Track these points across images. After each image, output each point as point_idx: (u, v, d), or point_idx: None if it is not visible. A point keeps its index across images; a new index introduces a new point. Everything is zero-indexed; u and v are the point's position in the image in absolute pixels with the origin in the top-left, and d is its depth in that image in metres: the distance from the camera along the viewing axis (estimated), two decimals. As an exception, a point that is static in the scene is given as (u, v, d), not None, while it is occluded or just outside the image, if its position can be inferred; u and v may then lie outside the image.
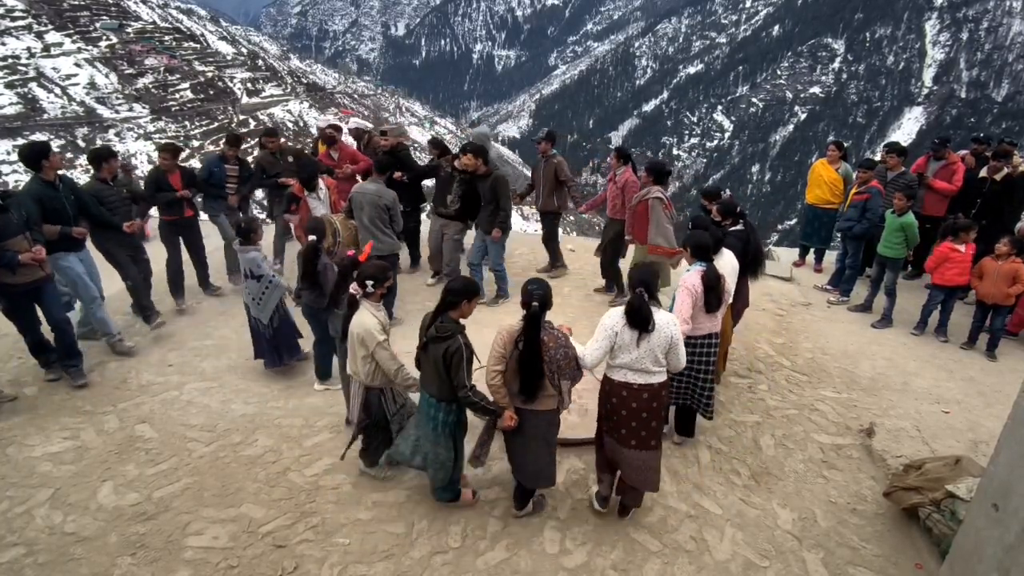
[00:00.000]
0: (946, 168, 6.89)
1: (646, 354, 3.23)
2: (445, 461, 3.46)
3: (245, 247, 4.81)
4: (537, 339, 3.12)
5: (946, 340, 6.03)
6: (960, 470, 3.60)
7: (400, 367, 3.54)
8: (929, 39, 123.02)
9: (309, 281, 4.51)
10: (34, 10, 58.57)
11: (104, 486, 3.81)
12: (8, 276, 4.33)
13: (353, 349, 3.56)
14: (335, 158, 7.05)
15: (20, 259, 4.25)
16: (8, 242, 4.24)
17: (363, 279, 3.51)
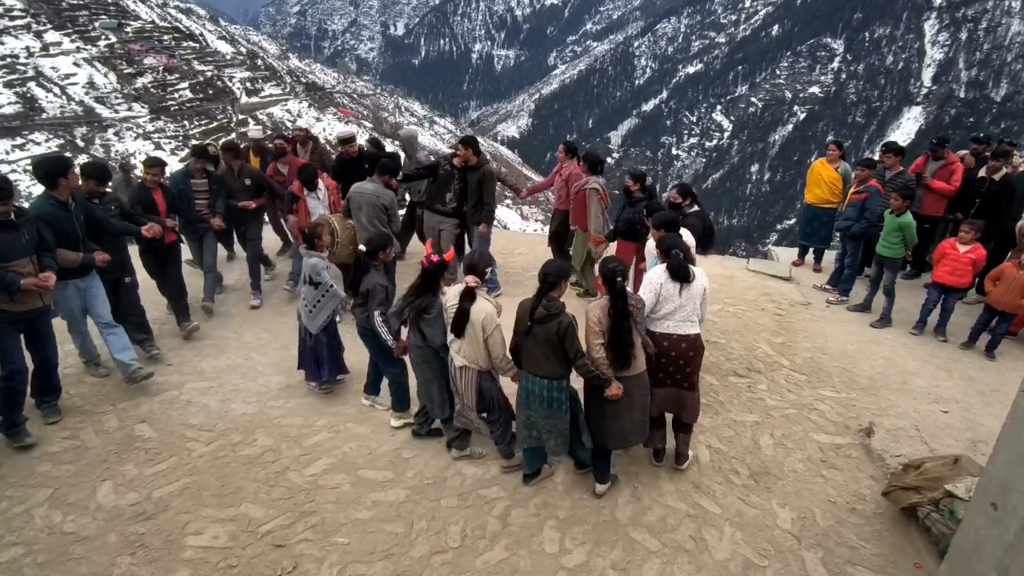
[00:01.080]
0: (945, 168, 6.90)
1: (687, 302, 3.74)
2: (563, 430, 3.69)
3: (308, 252, 4.63)
4: (627, 311, 3.45)
5: (945, 340, 6.04)
6: (959, 469, 3.60)
7: (506, 351, 3.73)
8: (928, 39, 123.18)
9: (359, 296, 4.25)
10: (33, 9, 58.52)
11: (103, 486, 3.80)
12: (3, 301, 3.86)
13: (474, 335, 3.62)
14: (284, 173, 6.59)
15: (22, 284, 3.81)
16: (12, 263, 3.82)
17: (476, 271, 3.70)
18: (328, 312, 4.68)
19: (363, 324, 4.30)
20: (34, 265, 3.94)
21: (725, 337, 5.90)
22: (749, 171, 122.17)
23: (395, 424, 4.47)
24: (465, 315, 3.60)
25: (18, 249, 3.87)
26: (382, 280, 4.20)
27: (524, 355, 3.62)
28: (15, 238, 3.87)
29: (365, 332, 4.35)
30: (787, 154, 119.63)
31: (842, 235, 6.83)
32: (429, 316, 3.88)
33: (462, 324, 3.62)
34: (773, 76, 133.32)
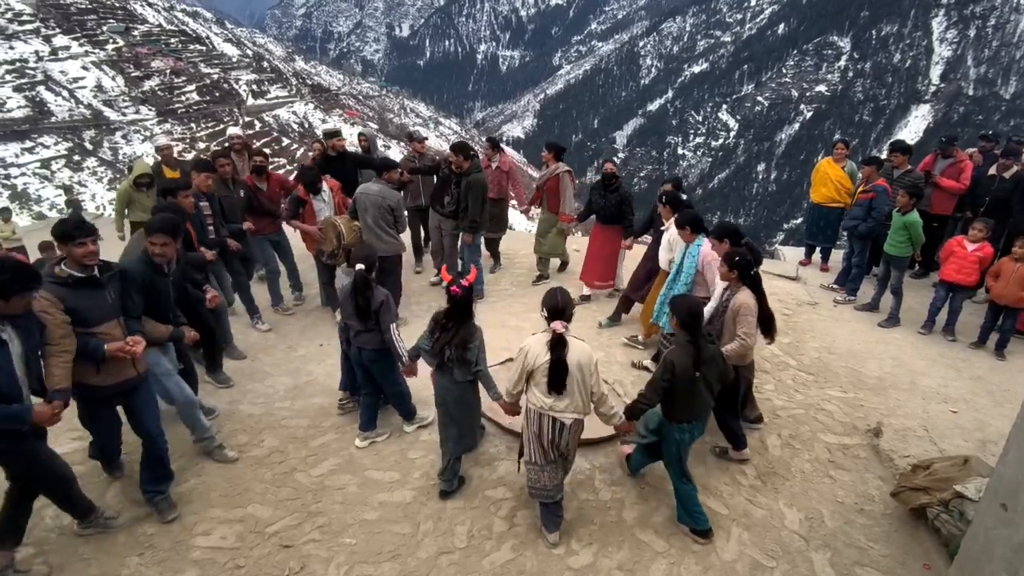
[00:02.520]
0: (954, 166, 6.85)
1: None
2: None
3: (351, 270, 4.23)
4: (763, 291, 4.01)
5: (954, 339, 5.99)
6: (969, 470, 3.58)
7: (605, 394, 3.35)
8: (936, 36, 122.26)
9: (363, 319, 3.94)
10: (42, 14, 59.08)
11: (112, 487, 3.83)
12: (92, 375, 3.28)
13: (582, 381, 3.19)
14: (264, 189, 6.16)
15: (107, 350, 3.23)
16: (97, 328, 3.24)
17: (566, 316, 3.19)
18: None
19: (376, 347, 4.00)
20: (122, 328, 3.37)
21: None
22: (755, 170, 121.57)
23: (409, 429, 4.41)
24: (564, 366, 3.14)
25: (103, 310, 3.29)
26: (385, 292, 4.00)
27: (687, 406, 3.36)
28: (99, 298, 3.28)
29: (377, 357, 4.05)
30: (793, 153, 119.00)
31: (849, 234, 6.79)
32: (473, 345, 3.53)
33: (563, 377, 3.15)
34: (779, 75, 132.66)
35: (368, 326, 3.97)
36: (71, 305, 3.12)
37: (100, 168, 47.95)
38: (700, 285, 4.81)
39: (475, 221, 6.28)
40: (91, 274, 3.22)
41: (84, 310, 3.17)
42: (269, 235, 6.17)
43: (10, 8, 57.44)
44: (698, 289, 4.79)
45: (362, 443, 4.30)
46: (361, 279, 3.89)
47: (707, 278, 4.73)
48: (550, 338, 3.15)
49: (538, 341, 3.22)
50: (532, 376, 3.24)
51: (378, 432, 4.40)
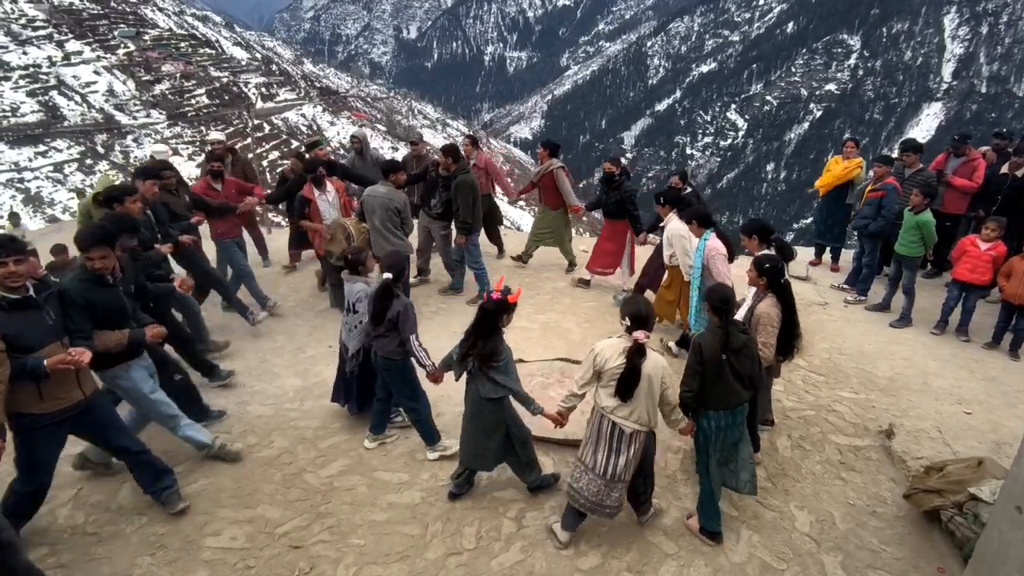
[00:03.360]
0: (966, 165, 6.77)
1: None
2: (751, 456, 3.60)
3: (352, 277, 4.27)
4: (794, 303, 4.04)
5: (967, 339, 5.93)
6: (983, 472, 3.53)
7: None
8: (948, 33, 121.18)
9: (383, 325, 3.87)
10: (54, 20, 59.81)
11: (124, 487, 3.86)
12: (34, 402, 3.05)
13: (651, 393, 3.18)
14: (219, 190, 6.16)
15: (47, 365, 2.94)
16: (38, 353, 3.00)
17: (648, 325, 3.17)
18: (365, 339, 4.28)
19: (389, 355, 3.95)
20: (65, 350, 3.08)
21: (741, 338, 5.84)
22: (764, 170, 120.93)
23: (432, 457, 4.17)
24: (637, 374, 3.12)
25: (40, 332, 3.06)
26: (406, 301, 3.91)
27: (713, 393, 3.31)
28: (36, 320, 3.06)
29: (390, 365, 3.99)
30: (803, 152, 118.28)
31: (859, 234, 6.74)
32: (499, 363, 3.43)
33: (633, 385, 3.14)
34: (788, 74, 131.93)
35: (382, 331, 3.91)
36: (6, 331, 2.89)
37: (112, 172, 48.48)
38: (707, 279, 4.96)
39: (467, 222, 6.23)
40: (25, 295, 3.00)
41: (21, 334, 2.95)
42: (233, 238, 6.23)
43: (23, 14, 58.22)
44: (707, 282, 4.90)
45: (371, 444, 4.29)
46: (384, 287, 3.82)
47: (712, 271, 4.91)
48: (630, 346, 3.13)
49: (611, 345, 3.22)
50: (600, 378, 3.25)
51: (387, 434, 4.38)
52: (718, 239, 4.97)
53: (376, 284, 4.03)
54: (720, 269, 4.88)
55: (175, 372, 4.31)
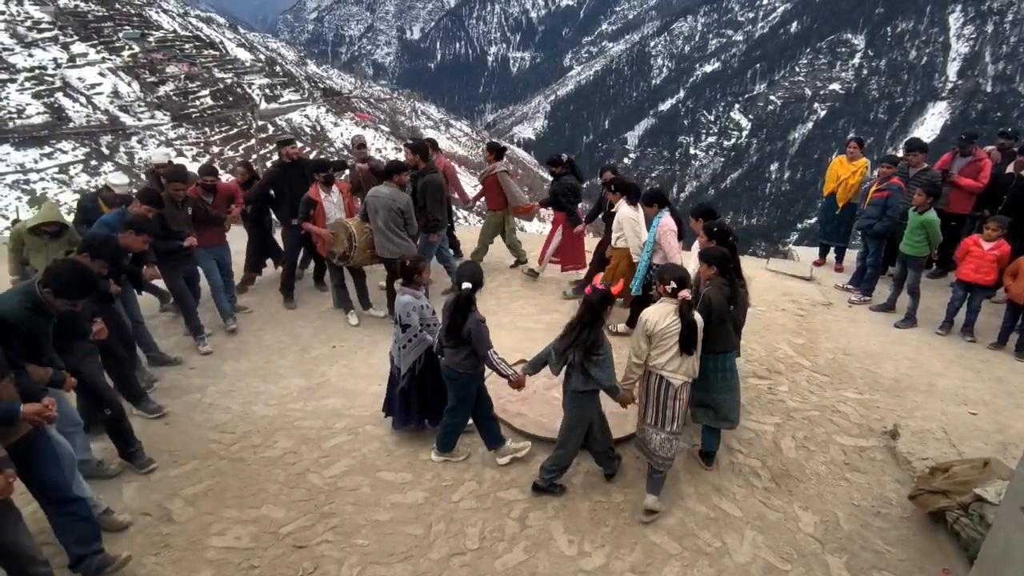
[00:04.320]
0: (972, 165, 6.74)
1: None
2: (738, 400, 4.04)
3: (403, 288, 4.08)
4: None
5: (973, 340, 5.90)
6: (988, 473, 3.52)
7: None
8: (953, 32, 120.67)
9: (455, 338, 3.77)
10: (60, 22, 60.10)
11: (129, 487, 3.88)
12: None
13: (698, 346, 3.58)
14: (210, 203, 5.84)
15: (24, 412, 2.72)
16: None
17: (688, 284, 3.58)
18: (416, 355, 4.14)
19: (455, 367, 3.87)
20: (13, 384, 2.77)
21: (745, 338, 5.81)
22: (768, 170, 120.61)
23: (502, 461, 4.12)
24: (695, 328, 3.46)
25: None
26: (480, 317, 3.79)
27: (717, 339, 3.77)
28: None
29: (455, 375, 3.91)
30: (807, 152, 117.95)
31: (864, 234, 6.72)
32: (599, 357, 3.48)
33: (695, 338, 3.47)
34: (792, 73, 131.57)
35: (452, 344, 3.81)
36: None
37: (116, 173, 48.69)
38: (657, 252, 5.48)
39: (437, 219, 6.30)
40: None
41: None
42: (213, 248, 5.81)
43: (29, 17, 58.56)
44: (657, 256, 5.47)
45: (437, 457, 4.14)
46: (466, 298, 3.72)
47: (663, 246, 5.38)
48: (682, 305, 3.47)
49: (656, 311, 3.55)
50: (650, 341, 3.55)
51: (457, 451, 4.20)
52: (671, 217, 5.49)
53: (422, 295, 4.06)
54: (672, 243, 5.39)
55: (106, 407, 3.86)
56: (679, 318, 3.46)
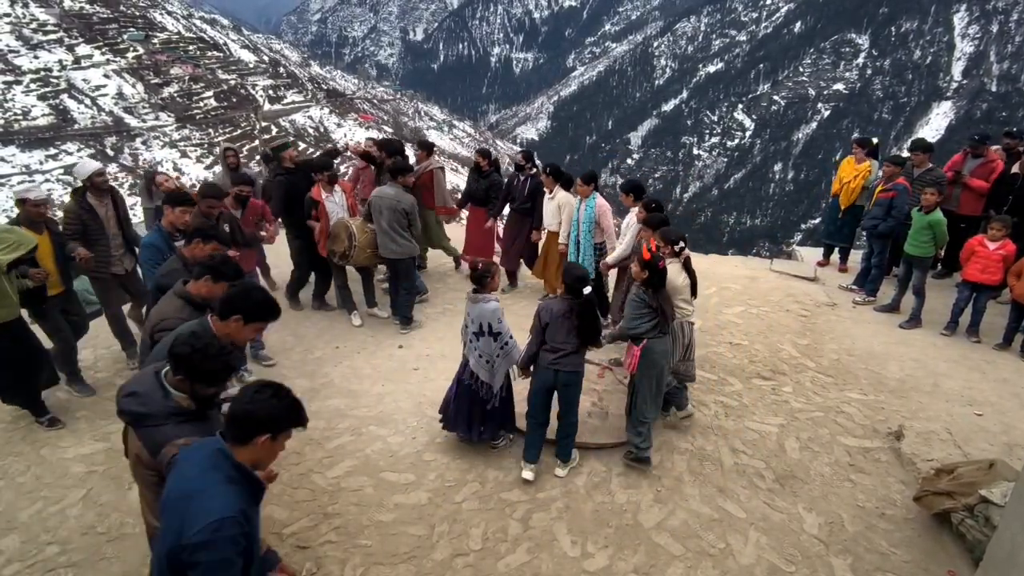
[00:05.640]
0: (984, 166, 6.69)
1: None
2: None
3: (478, 295, 3.91)
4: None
5: (978, 340, 5.87)
6: (994, 474, 3.50)
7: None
8: (957, 32, 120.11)
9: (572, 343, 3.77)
10: (65, 24, 60.36)
11: (135, 487, 3.88)
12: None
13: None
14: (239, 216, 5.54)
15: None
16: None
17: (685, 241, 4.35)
18: (507, 368, 4.07)
19: (576, 369, 3.86)
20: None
21: (749, 339, 5.82)
22: (772, 170, 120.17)
23: (562, 473, 4.03)
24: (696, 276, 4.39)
25: None
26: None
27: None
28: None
29: (576, 379, 3.89)
30: (811, 152, 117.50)
31: (868, 234, 6.69)
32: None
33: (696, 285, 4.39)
34: (796, 73, 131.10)
35: (571, 348, 3.82)
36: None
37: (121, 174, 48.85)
38: (597, 232, 5.81)
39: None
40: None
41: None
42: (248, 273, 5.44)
43: (35, 19, 58.82)
44: (596, 235, 5.81)
45: (530, 475, 3.96)
46: (589, 301, 3.75)
47: (603, 224, 5.77)
48: (684, 262, 4.26)
49: (673, 272, 4.12)
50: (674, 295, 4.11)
51: (574, 460, 4.12)
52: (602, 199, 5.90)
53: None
54: (611, 221, 5.79)
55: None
56: (686, 273, 4.23)
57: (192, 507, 1.87)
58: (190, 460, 2.01)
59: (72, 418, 4.56)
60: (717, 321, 6.15)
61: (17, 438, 4.33)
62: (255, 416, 1.97)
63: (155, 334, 2.86)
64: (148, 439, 2.20)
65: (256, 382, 2.06)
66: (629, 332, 3.97)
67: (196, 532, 1.82)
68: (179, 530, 1.85)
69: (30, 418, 4.47)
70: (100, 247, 4.91)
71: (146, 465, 2.21)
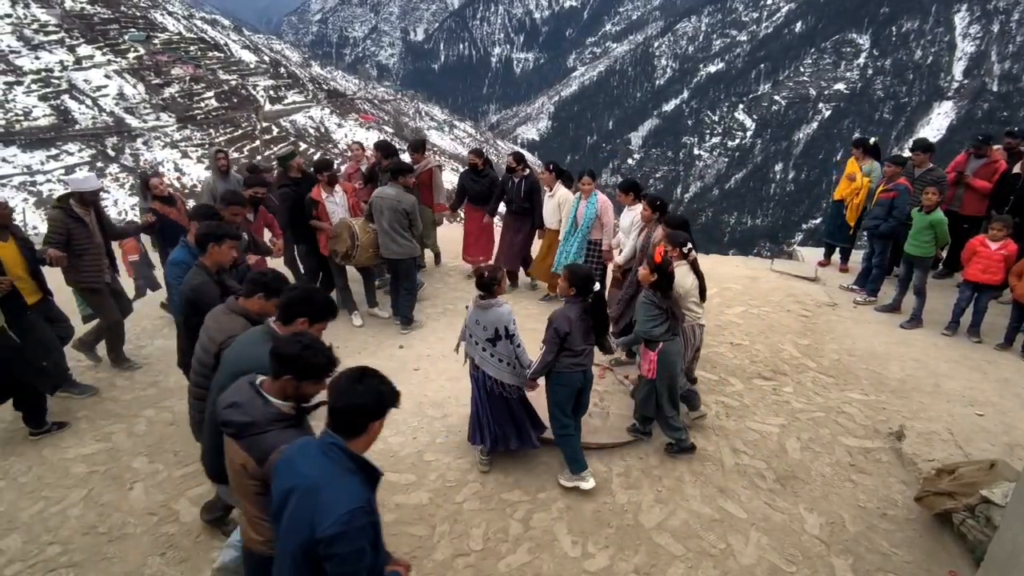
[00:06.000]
0: (987, 166, 6.68)
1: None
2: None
3: (489, 301, 3.80)
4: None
5: (979, 340, 5.87)
6: (995, 474, 3.50)
7: None
8: (959, 32, 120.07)
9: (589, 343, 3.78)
10: (66, 24, 60.44)
11: (136, 487, 3.90)
12: None
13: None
14: (252, 221, 5.50)
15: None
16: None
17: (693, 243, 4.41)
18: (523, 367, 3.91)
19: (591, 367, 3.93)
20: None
21: (749, 339, 5.82)
22: (773, 170, 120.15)
23: (568, 484, 3.92)
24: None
25: None
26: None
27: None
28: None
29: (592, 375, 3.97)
30: (812, 152, 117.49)
31: (870, 234, 6.69)
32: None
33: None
34: (797, 73, 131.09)
35: (588, 348, 3.83)
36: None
37: (122, 174, 48.92)
38: (596, 229, 5.91)
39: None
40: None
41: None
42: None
43: (36, 19, 58.92)
44: (595, 232, 5.92)
45: (587, 485, 3.84)
46: (599, 298, 3.79)
47: (604, 220, 5.86)
48: (691, 265, 4.30)
49: (681, 274, 4.16)
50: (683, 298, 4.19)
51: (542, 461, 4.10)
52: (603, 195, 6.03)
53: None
54: (611, 218, 5.87)
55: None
56: (695, 275, 4.28)
57: (320, 501, 1.90)
58: (304, 456, 2.04)
59: (73, 418, 4.56)
60: (718, 321, 6.15)
61: (19, 438, 4.34)
62: (366, 407, 2.02)
63: (221, 352, 2.87)
64: (255, 448, 2.21)
65: (344, 373, 2.09)
66: (644, 336, 3.98)
67: (330, 525, 1.85)
68: (310, 525, 1.88)
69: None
70: (89, 256, 4.81)
71: (251, 475, 2.21)
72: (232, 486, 2.38)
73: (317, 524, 1.86)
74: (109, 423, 4.54)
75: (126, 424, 4.53)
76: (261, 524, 2.28)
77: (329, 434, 2.03)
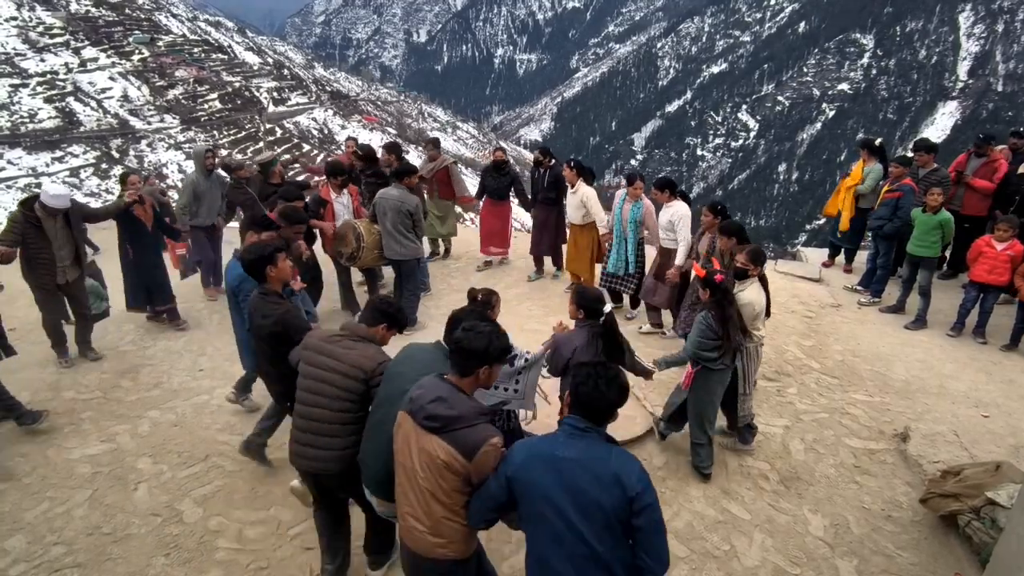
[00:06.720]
0: (988, 166, 6.66)
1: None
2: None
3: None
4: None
5: (984, 341, 5.84)
6: (1001, 476, 3.48)
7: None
8: (963, 32, 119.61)
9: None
10: (71, 27, 60.73)
11: (140, 488, 3.91)
12: None
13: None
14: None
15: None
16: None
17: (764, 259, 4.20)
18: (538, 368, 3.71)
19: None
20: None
21: (753, 340, 5.80)
22: (776, 171, 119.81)
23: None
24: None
25: None
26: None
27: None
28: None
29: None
30: (816, 153, 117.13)
31: (874, 235, 6.67)
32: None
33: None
34: (800, 74, 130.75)
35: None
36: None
37: (126, 176, 49.08)
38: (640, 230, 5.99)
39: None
40: None
41: None
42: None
43: (41, 22, 59.22)
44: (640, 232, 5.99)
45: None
46: (609, 323, 3.55)
47: (648, 223, 5.93)
48: (760, 283, 4.10)
49: (755, 292, 4.02)
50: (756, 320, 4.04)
51: None
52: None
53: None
54: (655, 221, 5.89)
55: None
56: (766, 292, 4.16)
57: (611, 464, 2.07)
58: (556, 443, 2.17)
59: (77, 419, 4.58)
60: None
61: (23, 439, 4.35)
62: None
63: (374, 379, 2.84)
64: (462, 442, 2.20)
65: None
66: (691, 354, 3.81)
67: (636, 480, 2.05)
68: (610, 484, 2.03)
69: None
70: (43, 259, 5.00)
71: (455, 471, 2.21)
72: (411, 486, 2.31)
73: (623, 481, 2.03)
74: (113, 424, 4.55)
75: (130, 425, 4.55)
76: (449, 524, 2.28)
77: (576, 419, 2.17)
